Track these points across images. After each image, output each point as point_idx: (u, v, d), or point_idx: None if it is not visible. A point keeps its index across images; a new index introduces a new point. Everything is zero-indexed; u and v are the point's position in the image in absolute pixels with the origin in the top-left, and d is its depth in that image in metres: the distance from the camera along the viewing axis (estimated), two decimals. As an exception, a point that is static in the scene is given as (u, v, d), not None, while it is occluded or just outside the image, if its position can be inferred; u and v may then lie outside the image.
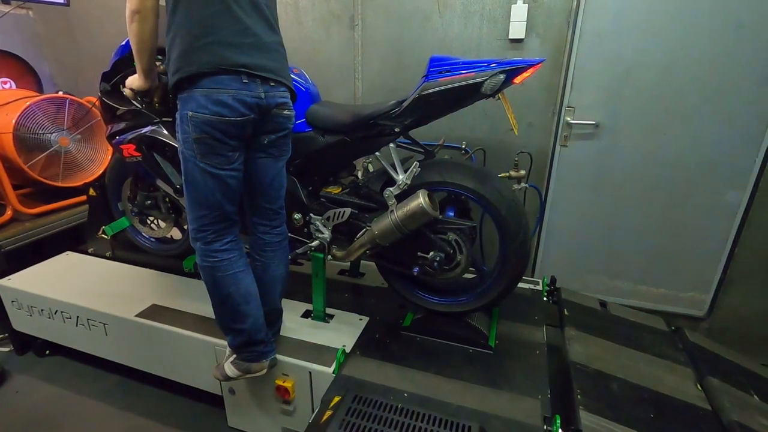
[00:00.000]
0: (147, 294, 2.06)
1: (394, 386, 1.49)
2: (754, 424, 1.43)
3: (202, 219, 1.38)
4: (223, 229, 1.41)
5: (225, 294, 1.44)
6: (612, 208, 2.28)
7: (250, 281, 1.49)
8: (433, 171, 1.58)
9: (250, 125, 1.33)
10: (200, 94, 1.24)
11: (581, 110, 2.17)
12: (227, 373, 1.57)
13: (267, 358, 1.55)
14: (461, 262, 1.60)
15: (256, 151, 1.43)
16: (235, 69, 1.25)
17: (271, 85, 1.34)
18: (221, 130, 1.27)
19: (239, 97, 1.26)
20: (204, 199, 1.35)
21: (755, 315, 2.22)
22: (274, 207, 1.55)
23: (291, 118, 1.46)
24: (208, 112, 1.25)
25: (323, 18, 2.41)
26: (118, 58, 1.72)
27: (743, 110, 1.97)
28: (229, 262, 1.42)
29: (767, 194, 2.03)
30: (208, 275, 1.44)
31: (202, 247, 1.41)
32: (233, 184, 1.37)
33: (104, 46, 2.93)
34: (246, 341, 1.51)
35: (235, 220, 1.44)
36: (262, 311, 1.53)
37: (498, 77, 1.34)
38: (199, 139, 1.28)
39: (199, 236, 1.40)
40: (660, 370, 1.66)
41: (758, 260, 2.14)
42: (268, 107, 1.34)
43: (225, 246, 1.42)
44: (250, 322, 1.48)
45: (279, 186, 1.53)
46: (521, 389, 1.50)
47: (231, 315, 1.48)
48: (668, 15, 1.93)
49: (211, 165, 1.31)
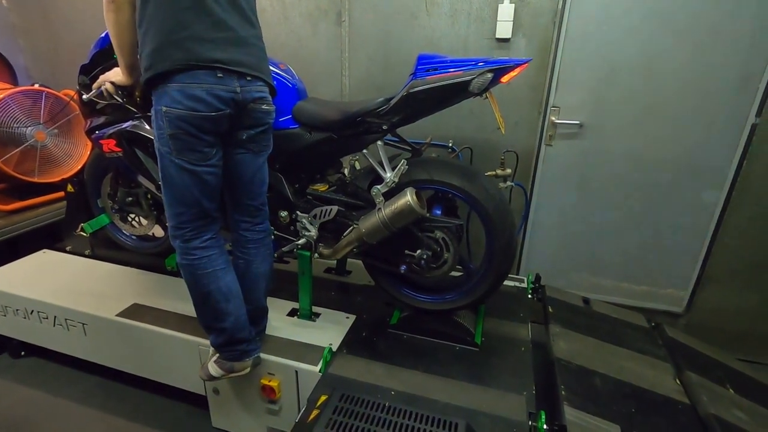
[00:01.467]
0: (128, 293, 2.01)
1: (382, 384, 1.49)
2: (729, 416, 1.47)
3: (181, 216, 1.36)
4: (202, 227, 1.39)
5: (205, 292, 1.42)
6: (595, 207, 2.32)
7: (231, 279, 1.47)
8: (420, 169, 1.58)
9: (226, 120, 1.30)
10: (174, 89, 1.22)
11: (566, 110, 2.19)
12: (211, 372, 1.55)
13: (250, 356, 1.54)
14: (448, 260, 1.61)
15: (235, 146, 1.41)
16: (209, 65, 1.22)
17: (247, 79, 1.31)
18: (196, 125, 1.25)
19: (213, 92, 1.24)
20: (181, 197, 1.33)
21: (730, 311, 2.29)
22: (256, 203, 1.53)
23: (270, 113, 1.43)
24: (181, 107, 1.22)
25: (310, 13, 2.39)
26: (97, 50, 1.67)
27: (720, 113, 2.02)
28: (208, 260, 1.40)
29: (743, 194, 2.09)
30: (188, 273, 1.42)
31: (181, 244, 1.39)
32: (211, 181, 1.35)
33: (83, 37, 2.84)
34: (228, 340, 1.49)
35: (214, 217, 1.42)
36: (244, 309, 1.51)
37: (486, 76, 1.34)
38: (173, 135, 1.25)
39: (178, 234, 1.38)
40: (641, 365, 1.70)
41: (734, 258, 2.20)
42: (244, 102, 1.32)
43: (204, 243, 1.40)
44: (231, 320, 1.46)
45: (260, 182, 1.51)
46: (507, 386, 1.51)
47: (212, 313, 1.46)
48: (650, 20, 1.97)
49: (187, 161, 1.28)
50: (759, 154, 2.02)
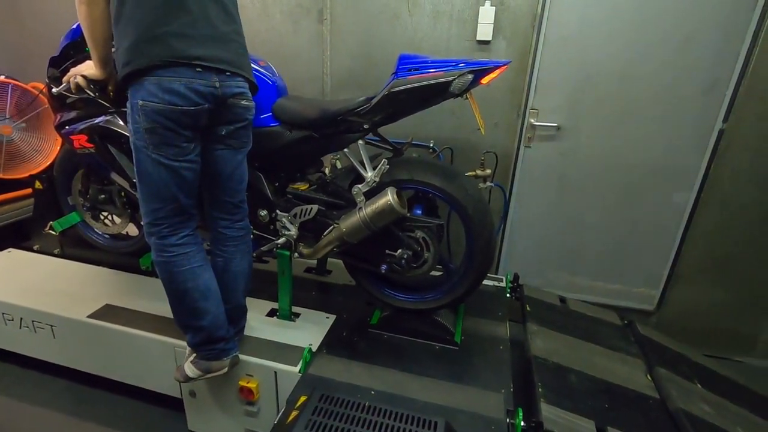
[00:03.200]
0: (100, 294, 1.95)
1: (362, 384, 1.49)
2: (696, 410, 1.53)
3: (157, 212, 1.33)
4: (179, 223, 1.36)
5: (182, 290, 1.40)
6: (572, 208, 2.37)
7: (209, 276, 1.45)
8: (401, 169, 1.58)
9: (205, 115, 1.28)
10: (151, 83, 1.19)
11: (544, 112, 2.24)
12: (187, 373, 1.51)
13: (228, 355, 1.51)
14: (428, 259, 1.61)
15: (214, 142, 1.38)
16: (188, 61, 1.20)
17: (226, 74, 1.29)
18: (173, 119, 1.22)
19: (192, 86, 1.21)
20: (158, 192, 1.30)
21: (698, 308, 2.38)
22: (235, 200, 1.51)
23: (250, 109, 1.41)
24: (159, 100, 1.19)
25: (291, 11, 2.36)
26: (68, 42, 1.62)
27: (690, 117, 2.10)
28: (185, 257, 1.38)
29: (711, 195, 2.18)
30: (163, 271, 1.39)
31: (157, 241, 1.36)
32: (189, 176, 1.32)
33: (54, 27, 2.73)
34: (206, 339, 1.47)
35: (192, 213, 1.40)
36: (222, 308, 1.49)
37: (466, 77, 1.36)
38: (150, 129, 1.22)
39: (154, 230, 1.35)
40: (614, 362, 1.75)
41: (702, 257, 2.29)
42: (223, 97, 1.30)
43: (181, 240, 1.37)
44: (209, 318, 1.44)
45: (239, 179, 1.49)
46: (485, 384, 1.53)
47: (189, 312, 1.43)
48: (625, 27, 2.03)
49: (164, 156, 1.26)
50: (726, 157, 2.11)
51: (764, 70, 1.95)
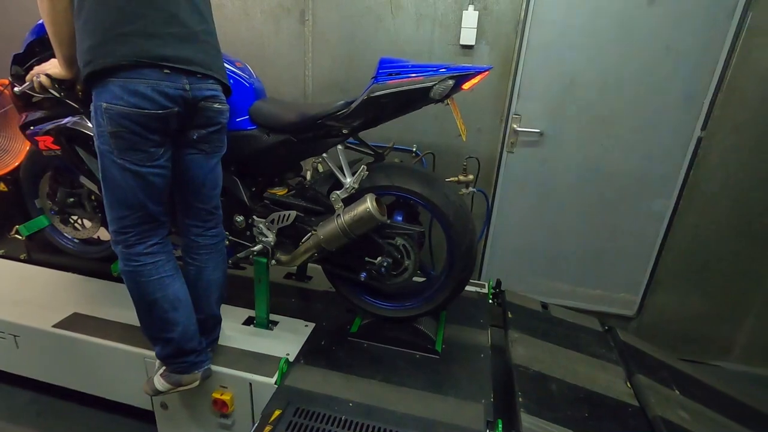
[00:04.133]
0: (67, 301, 1.87)
1: (339, 396, 1.45)
2: (674, 417, 1.53)
3: (123, 220, 1.26)
4: (147, 231, 1.30)
5: (150, 301, 1.33)
6: (554, 213, 2.37)
7: (179, 286, 1.38)
8: (381, 175, 1.55)
9: (174, 119, 1.22)
10: (115, 85, 1.13)
11: (527, 118, 2.23)
12: (157, 387, 1.45)
13: (200, 368, 1.45)
14: (409, 267, 1.59)
15: (186, 147, 1.32)
16: (155, 62, 1.14)
17: (197, 77, 1.24)
18: (140, 123, 1.16)
19: (160, 89, 1.15)
20: (124, 199, 1.23)
21: (677, 314, 2.41)
22: (208, 207, 1.45)
23: (223, 112, 1.36)
24: (124, 103, 1.13)
25: (272, 11, 2.31)
26: (34, 39, 1.53)
27: (670, 125, 2.12)
28: (154, 267, 1.31)
29: (689, 203, 2.20)
30: (131, 281, 1.32)
31: (124, 250, 1.29)
32: (158, 183, 1.26)
33: (17, 22, 2.62)
34: (175, 351, 1.41)
35: (162, 221, 1.34)
36: (193, 318, 1.43)
37: (447, 83, 1.33)
38: (115, 134, 1.16)
39: (120, 239, 1.28)
40: (594, 369, 1.74)
41: (680, 263, 2.32)
42: (194, 100, 1.24)
43: (149, 249, 1.31)
44: (179, 330, 1.38)
45: (213, 185, 1.43)
46: (466, 394, 1.51)
47: (158, 323, 1.37)
48: (606, 35, 2.03)
49: (130, 161, 1.19)
50: (704, 165, 2.13)
51: (741, 81, 1.98)
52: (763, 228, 2.17)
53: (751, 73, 1.97)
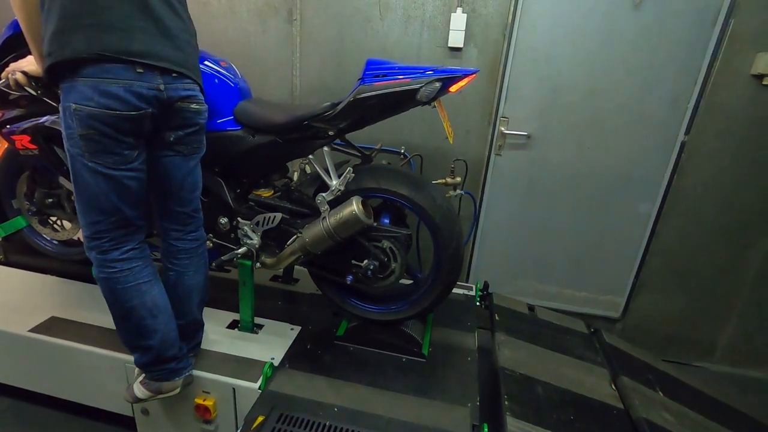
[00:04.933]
0: (45, 305, 1.82)
1: (325, 401, 1.43)
2: (658, 419, 1.54)
3: (97, 225, 1.20)
4: (122, 237, 1.25)
5: (127, 308, 1.28)
6: (541, 216, 2.39)
7: (158, 292, 1.33)
8: (367, 177, 1.53)
9: (148, 120, 1.17)
10: (84, 84, 1.07)
11: (515, 121, 2.24)
12: (137, 394, 1.41)
13: (180, 375, 1.41)
14: (396, 270, 1.58)
15: (162, 149, 1.28)
16: (120, 58, 1.07)
17: (172, 76, 1.18)
18: (112, 125, 1.11)
19: (133, 89, 1.10)
20: (97, 203, 1.18)
21: (661, 316, 2.44)
22: (187, 210, 1.40)
23: (200, 113, 1.31)
24: (94, 104, 1.07)
25: (259, 9, 2.28)
26: (10, 34, 1.49)
27: (655, 129, 2.14)
28: (130, 273, 1.26)
29: (673, 206, 2.23)
30: (106, 288, 1.27)
31: (98, 257, 1.24)
32: (133, 186, 1.20)
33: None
34: (155, 359, 1.36)
35: (138, 225, 1.28)
36: (173, 324, 1.39)
37: (434, 85, 1.33)
38: (86, 136, 1.10)
39: (94, 245, 1.23)
40: (580, 371, 1.75)
41: (664, 266, 2.35)
42: (169, 100, 1.19)
43: (125, 255, 1.25)
44: (158, 337, 1.33)
45: (192, 187, 1.39)
46: (452, 398, 1.50)
47: (136, 331, 1.32)
48: (592, 39, 2.05)
49: (103, 165, 1.14)
50: (687, 169, 2.16)
51: (723, 87, 2.02)
52: (743, 232, 2.21)
53: (732, 79, 2.00)
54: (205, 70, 1.49)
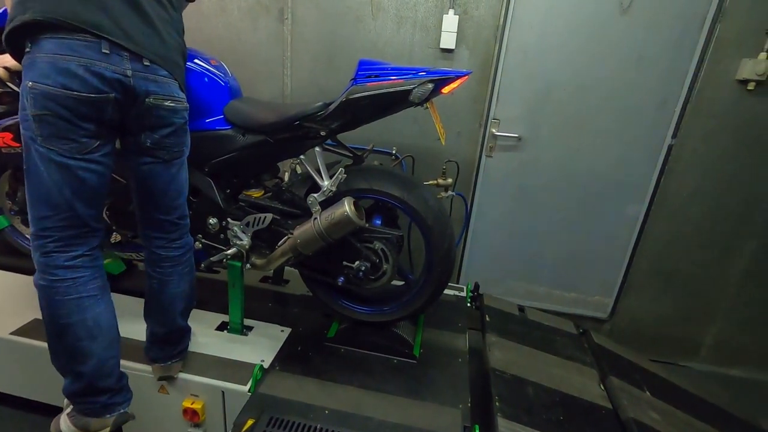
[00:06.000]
0: (27, 306, 1.77)
1: (315, 403, 1.42)
2: (646, 419, 1.56)
3: (44, 221, 1.06)
4: (72, 238, 1.10)
5: (63, 324, 1.12)
6: (531, 217, 2.40)
7: (102, 311, 1.17)
8: (359, 178, 1.53)
9: (110, 106, 1.06)
10: (43, 60, 0.98)
11: (506, 123, 2.25)
12: (62, 428, 1.23)
13: (113, 413, 1.22)
14: (387, 271, 1.57)
15: (140, 155, 1.20)
16: (83, 28, 0.98)
17: (144, 64, 1.08)
18: (68, 107, 1.00)
19: (94, 69, 1.00)
20: (48, 196, 1.05)
21: (648, 316, 2.47)
22: (171, 218, 1.33)
23: (178, 112, 1.21)
24: (51, 82, 0.98)
25: (250, 7, 2.26)
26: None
27: (643, 132, 2.17)
28: (73, 284, 1.10)
29: (661, 208, 2.27)
30: (43, 298, 1.11)
31: (40, 259, 1.09)
32: (90, 181, 1.07)
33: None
34: (86, 389, 1.18)
35: (92, 228, 1.14)
36: (114, 352, 1.22)
37: (426, 86, 1.32)
38: (39, 117, 1.00)
39: (38, 243, 1.08)
40: (570, 372, 1.76)
41: (652, 267, 2.38)
42: (136, 92, 1.08)
43: (71, 262, 1.10)
44: (92, 364, 1.16)
45: (175, 194, 1.30)
46: (443, 399, 1.50)
47: (69, 352, 1.15)
48: (582, 42, 2.07)
49: (57, 152, 1.02)
50: (674, 172, 2.20)
51: (709, 91, 2.05)
52: (728, 233, 2.26)
53: (718, 84, 2.04)
54: (195, 68, 1.47)
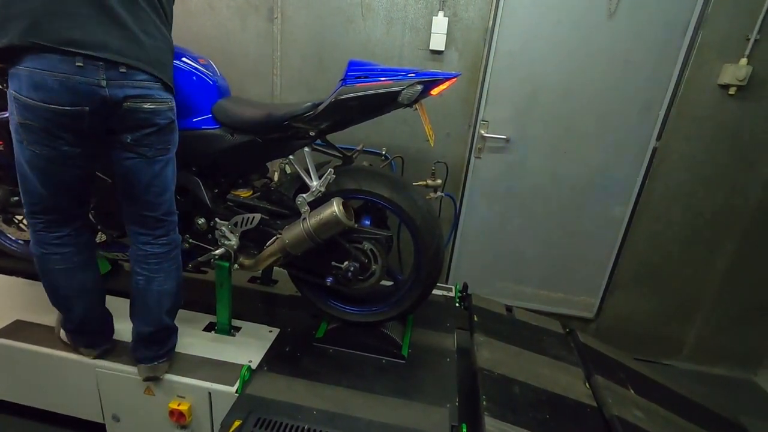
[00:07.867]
0: (10, 307, 1.74)
1: (303, 404, 1.42)
2: (629, 416, 1.59)
3: (31, 206, 1.24)
4: (54, 222, 1.27)
5: (54, 285, 1.36)
6: (519, 218, 2.43)
7: (88, 278, 1.39)
8: (348, 178, 1.53)
9: (88, 119, 1.10)
10: (22, 74, 1.05)
11: (494, 125, 2.27)
12: (61, 336, 1.54)
13: (97, 348, 1.51)
14: (376, 271, 1.58)
15: (122, 151, 1.21)
16: (57, 48, 1.02)
17: (120, 71, 1.09)
18: (47, 119, 1.08)
19: (69, 83, 1.04)
20: (33, 189, 1.20)
21: (633, 316, 2.51)
22: (156, 214, 1.33)
23: (160, 113, 1.21)
24: (27, 95, 1.05)
25: (239, 6, 2.25)
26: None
27: (628, 134, 2.21)
28: (61, 257, 1.30)
29: (645, 209, 2.31)
30: (38, 263, 1.33)
31: (34, 234, 1.29)
32: (72, 180, 1.21)
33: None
34: (76, 328, 1.47)
35: (75, 214, 1.31)
36: (100, 309, 1.47)
37: (415, 87, 1.33)
38: (24, 125, 1.10)
39: (31, 222, 1.28)
40: (556, 371, 1.79)
41: (636, 267, 2.42)
42: (113, 99, 1.10)
43: (58, 240, 1.29)
44: (80, 313, 1.41)
45: (159, 191, 1.30)
46: (431, 399, 1.51)
47: (61, 304, 1.41)
48: (569, 45, 2.10)
49: (40, 156, 1.13)
50: (659, 174, 2.24)
51: (692, 94, 2.09)
52: (710, 234, 2.31)
53: (701, 88, 2.08)
54: (183, 67, 1.46)
